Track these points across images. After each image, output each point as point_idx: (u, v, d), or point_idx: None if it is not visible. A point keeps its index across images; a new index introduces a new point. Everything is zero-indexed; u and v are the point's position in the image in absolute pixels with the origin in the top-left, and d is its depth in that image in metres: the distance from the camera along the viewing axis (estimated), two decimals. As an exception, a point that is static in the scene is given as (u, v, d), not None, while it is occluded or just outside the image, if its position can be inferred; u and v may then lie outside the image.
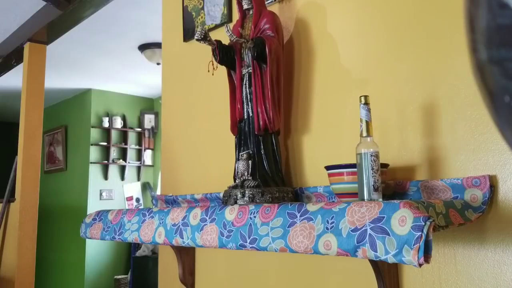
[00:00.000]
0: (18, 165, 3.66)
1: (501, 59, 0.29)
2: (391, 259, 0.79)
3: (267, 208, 1.04)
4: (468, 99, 1.10)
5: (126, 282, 5.30)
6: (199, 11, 1.87)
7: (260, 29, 1.40)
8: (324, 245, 0.89)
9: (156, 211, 1.34)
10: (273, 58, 1.35)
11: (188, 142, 1.90)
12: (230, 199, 1.32)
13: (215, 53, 1.40)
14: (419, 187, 1.12)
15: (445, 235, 1.10)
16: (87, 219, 1.59)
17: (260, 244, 1.00)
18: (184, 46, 1.95)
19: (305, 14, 1.50)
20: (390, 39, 1.27)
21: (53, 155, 6.04)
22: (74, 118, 5.83)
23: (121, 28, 3.77)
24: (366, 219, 0.84)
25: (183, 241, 1.20)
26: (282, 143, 1.47)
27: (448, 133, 1.13)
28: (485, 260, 1.04)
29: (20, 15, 3.45)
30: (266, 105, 1.35)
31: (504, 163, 1.03)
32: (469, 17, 0.32)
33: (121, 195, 5.68)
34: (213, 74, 1.44)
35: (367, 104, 1.08)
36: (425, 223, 0.77)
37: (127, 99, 5.90)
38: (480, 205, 1.01)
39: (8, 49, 4.02)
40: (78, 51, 4.30)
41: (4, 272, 3.66)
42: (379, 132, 1.22)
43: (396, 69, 1.25)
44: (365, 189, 1.03)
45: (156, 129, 5.97)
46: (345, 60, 1.38)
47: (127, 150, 5.72)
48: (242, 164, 1.35)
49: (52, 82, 5.12)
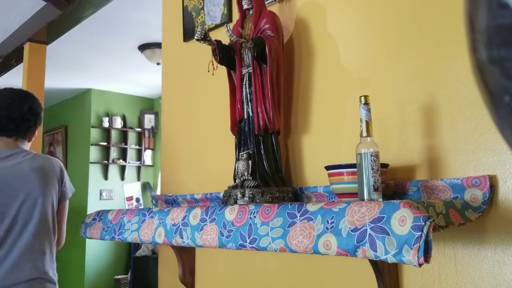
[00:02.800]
0: (18, 165, 3.65)
1: (501, 59, 0.29)
2: (391, 259, 0.79)
3: (267, 208, 1.04)
4: (468, 99, 1.10)
5: (126, 282, 5.30)
6: (199, 11, 1.87)
7: (260, 29, 1.40)
8: (324, 245, 0.89)
9: (156, 211, 1.34)
10: (273, 58, 1.35)
11: (188, 142, 1.90)
12: (230, 199, 1.32)
13: (215, 53, 1.40)
14: (419, 187, 1.12)
15: (445, 235, 1.10)
16: (87, 219, 1.59)
17: (260, 244, 1.00)
18: (184, 46, 1.95)
19: (305, 14, 1.50)
20: (390, 39, 1.27)
21: (53, 155, 6.04)
22: (74, 118, 5.83)
23: (121, 28, 3.77)
24: (366, 219, 0.84)
25: (183, 241, 1.20)
26: (282, 143, 1.47)
27: (448, 133, 1.13)
28: (485, 260, 1.04)
29: (20, 15, 3.45)
30: (266, 105, 1.35)
31: (504, 163, 1.03)
32: (469, 17, 0.32)
33: (121, 195, 5.68)
34: (213, 74, 1.44)
35: (367, 104, 1.08)
36: (425, 223, 0.77)
37: (127, 99, 5.90)
38: (480, 205, 1.01)
39: (8, 49, 4.02)
40: (78, 51, 4.30)
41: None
42: (379, 132, 1.22)
43: (396, 69, 1.25)
44: (365, 189, 1.03)
45: (156, 129, 5.97)
46: (345, 60, 1.38)
47: (127, 150, 5.72)
48: (242, 164, 1.35)
49: (52, 82, 5.12)
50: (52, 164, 1.67)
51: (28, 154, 1.66)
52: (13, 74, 4.45)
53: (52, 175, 1.65)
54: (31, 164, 1.61)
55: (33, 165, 1.61)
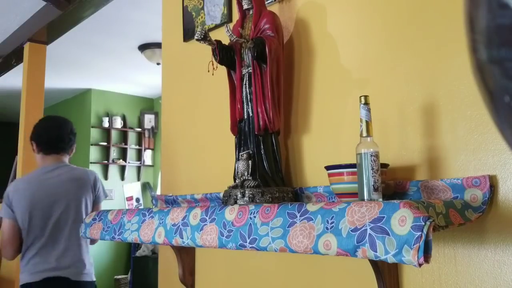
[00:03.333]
0: (18, 165, 3.66)
1: (501, 59, 0.29)
2: (391, 259, 0.79)
3: (267, 208, 1.04)
4: (468, 99, 1.10)
5: (126, 282, 5.30)
6: (199, 11, 1.87)
7: (260, 29, 1.40)
8: (324, 245, 0.89)
9: (156, 211, 1.34)
10: (273, 58, 1.35)
11: (188, 142, 1.90)
12: (230, 199, 1.32)
13: (215, 53, 1.40)
14: (419, 187, 1.12)
15: (445, 235, 1.10)
16: (87, 219, 1.59)
17: (260, 244, 1.00)
18: (184, 46, 1.95)
19: (305, 14, 1.50)
20: (390, 39, 1.27)
21: (53, 155, 6.03)
22: (74, 118, 5.80)
23: (121, 28, 3.77)
24: (366, 219, 0.84)
25: (183, 241, 1.20)
26: (282, 143, 1.47)
27: (448, 133, 1.13)
28: (485, 260, 1.04)
29: (20, 15, 3.45)
30: (266, 105, 1.35)
31: (504, 163, 1.03)
32: (469, 17, 0.32)
33: (121, 195, 5.68)
34: (213, 74, 1.44)
35: (367, 104, 1.08)
36: (425, 223, 0.77)
37: (127, 99, 5.90)
38: (480, 205, 1.01)
39: (8, 49, 4.02)
40: (78, 51, 4.30)
41: (4, 272, 3.66)
42: (379, 132, 1.22)
43: (396, 69, 1.25)
44: (365, 189, 1.03)
45: (156, 129, 5.97)
46: (345, 60, 1.38)
47: (127, 150, 5.72)
48: (242, 164, 1.35)
49: (52, 82, 5.12)
50: (87, 175, 2.23)
51: (69, 167, 2.21)
52: (13, 74, 4.46)
53: (87, 184, 2.18)
54: (71, 175, 2.16)
55: (72, 176, 2.16)
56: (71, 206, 2.09)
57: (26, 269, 2.06)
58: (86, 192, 2.17)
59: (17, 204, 2.07)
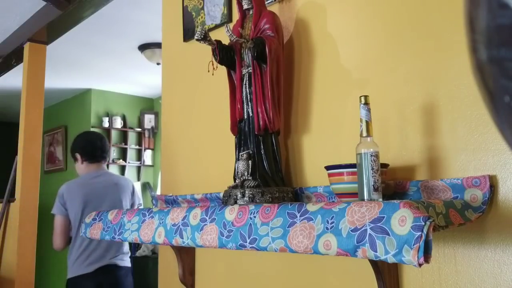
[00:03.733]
0: (18, 165, 3.66)
1: (501, 59, 0.29)
2: (391, 259, 0.79)
3: (267, 208, 1.04)
4: (468, 99, 1.10)
5: (126, 282, 5.29)
6: (199, 11, 1.87)
7: (260, 29, 1.40)
8: (324, 245, 0.89)
9: (156, 211, 1.34)
10: (273, 58, 1.35)
11: (188, 142, 1.90)
12: (230, 199, 1.32)
13: (215, 53, 1.40)
14: (419, 187, 1.12)
15: (445, 235, 1.10)
16: (87, 219, 1.59)
17: (260, 244, 1.00)
18: (184, 46, 1.95)
19: (305, 14, 1.50)
20: (390, 39, 1.27)
21: (53, 155, 6.05)
22: (74, 118, 5.83)
23: (121, 28, 3.77)
24: (366, 219, 0.84)
25: (183, 241, 1.20)
26: (282, 143, 1.47)
27: (448, 133, 1.13)
28: (485, 260, 1.04)
29: (20, 15, 3.45)
30: (266, 105, 1.35)
31: (504, 163, 1.03)
32: (469, 17, 0.32)
33: (121, 195, 5.66)
34: (213, 74, 1.44)
35: (367, 104, 1.08)
36: (425, 223, 0.77)
37: (127, 99, 5.90)
38: (480, 205, 1.01)
39: (8, 49, 4.02)
40: (78, 51, 4.30)
41: (4, 272, 3.66)
42: (379, 132, 1.22)
43: (396, 69, 1.25)
44: (365, 189, 1.03)
45: (156, 129, 5.97)
46: (345, 60, 1.38)
47: (127, 150, 5.72)
48: (242, 164, 1.35)
49: (52, 82, 5.12)
50: (126, 181, 2.77)
51: (109, 173, 2.78)
52: (13, 74, 4.45)
53: (126, 189, 2.67)
54: (112, 180, 2.66)
55: (112, 181, 2.65)
56: (116, 206, 2.50)
57: (77, 262, 2.47)
58: (127, 196, 2.65)
59: (71, 203, 2.48)
